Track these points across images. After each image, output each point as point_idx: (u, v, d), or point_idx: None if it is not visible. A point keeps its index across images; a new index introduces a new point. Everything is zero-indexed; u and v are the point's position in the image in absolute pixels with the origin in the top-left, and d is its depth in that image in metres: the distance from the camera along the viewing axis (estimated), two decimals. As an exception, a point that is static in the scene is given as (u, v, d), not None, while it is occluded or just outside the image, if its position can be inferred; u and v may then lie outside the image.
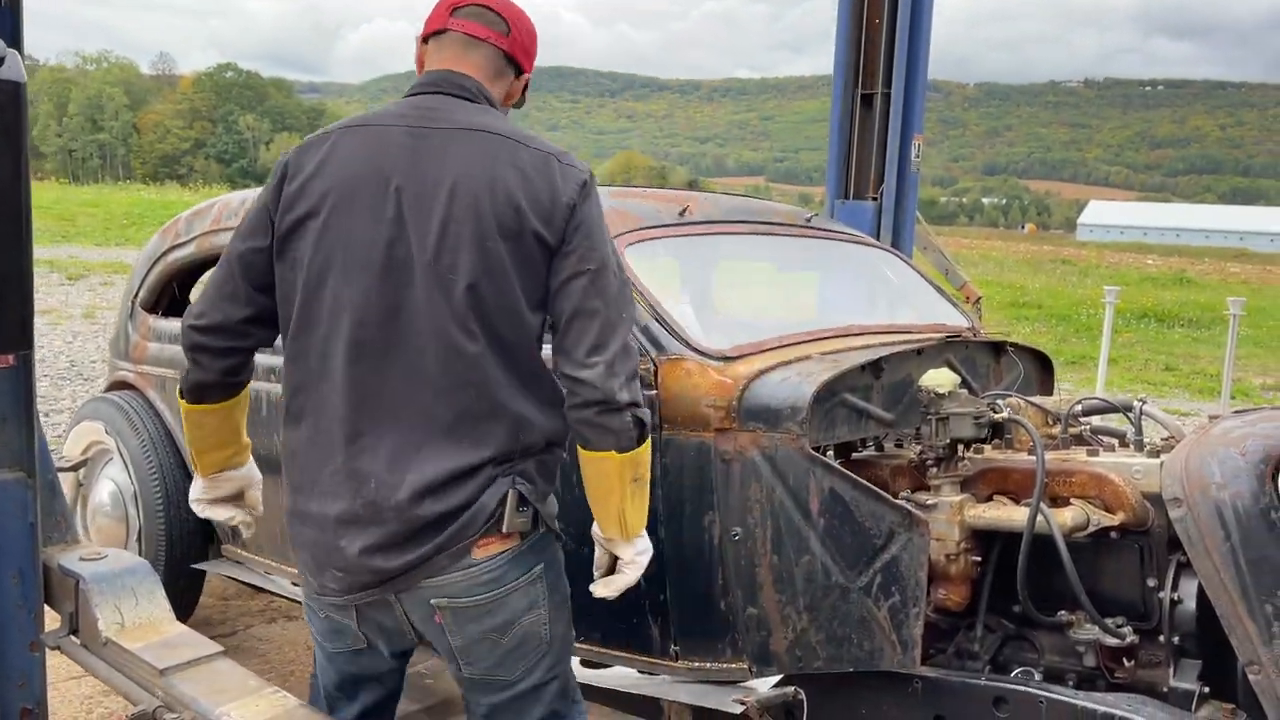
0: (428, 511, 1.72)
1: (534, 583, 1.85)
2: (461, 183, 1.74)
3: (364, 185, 1.77)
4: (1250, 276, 30.08)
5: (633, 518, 1.86)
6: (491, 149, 1.77)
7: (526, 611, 1.85)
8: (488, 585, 1.79)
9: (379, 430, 1.75)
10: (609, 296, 1.76)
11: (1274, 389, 11.17)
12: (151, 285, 3.73)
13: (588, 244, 1.77)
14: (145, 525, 3.49)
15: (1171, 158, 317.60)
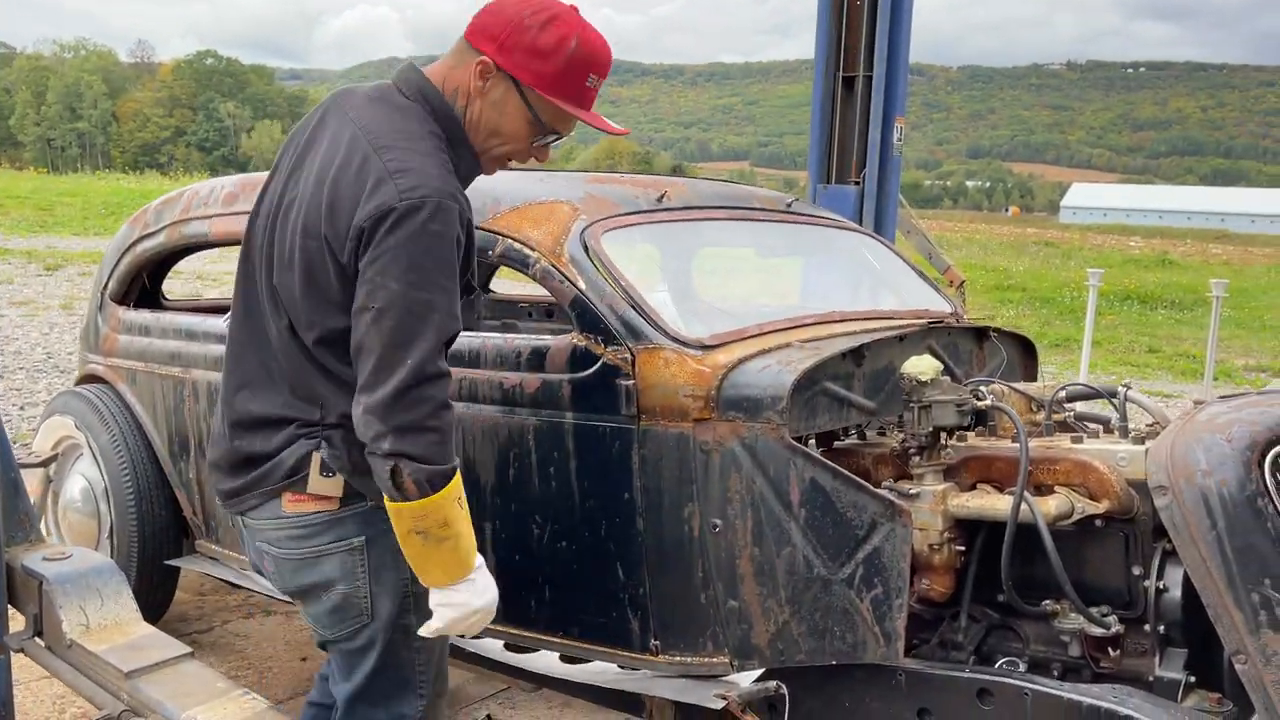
0: (240, 446, 1.91)
1: (351, 553, 1.89)
2: (315, 174, 1.81)
3: (284, 157, 1.95)
4: (1232, 257, 30.23)
5: (419, 567, 1.79)
6: (349, 146, 1.79)
7: (343, 580, 1.89)
8: (299, 541, 1.89)
9: (245, 370, 1.94)
10: (389, 338, 1.69)
11: (1256, 370, 11.20)
12: (121, 276, 3.65)
13: (379, 279, 1.70)
14: (117, 521, 3.43)
15: (1153, 140, 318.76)
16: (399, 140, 1.77)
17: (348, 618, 1.92)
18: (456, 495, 1.75)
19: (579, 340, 2.37)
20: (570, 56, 1.79)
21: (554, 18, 1.79)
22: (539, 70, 1.79)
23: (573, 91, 1.82)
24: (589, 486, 2.36)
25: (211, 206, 3.28)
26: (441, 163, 1.78)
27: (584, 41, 1.80)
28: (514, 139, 1.87)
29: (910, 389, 2.29)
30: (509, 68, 1.80)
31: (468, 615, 1.81)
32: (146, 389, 3.42)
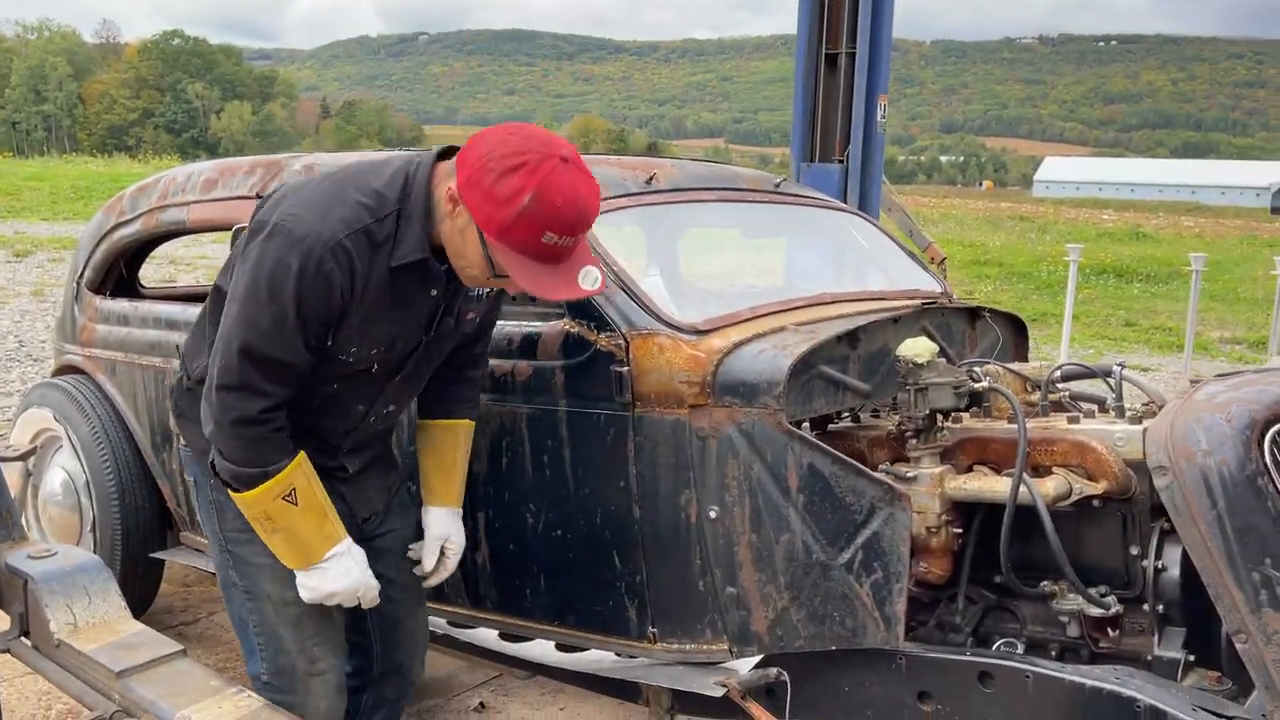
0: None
1: (201, 489, 2.17)
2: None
3: None
4: (1204, 230, 30.48)
5: (274, 550, 2.05)
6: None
7: (202, 510, 2.20)
8: (184, 467, 2.32)
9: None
10: (224, 331, 1.90)
11: (1232, 342, 11.30)
12: (97, 265, 3.58)
13: (240, 271, 1.90)
14: (99, 514, 3.37)
15: (1125, 113, 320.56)
16: (323, 182, 1.91)
17: (214, 549, 2.22)
18: (277, 494, 1.95)
19: (571, 327, 2.33)
20: (522, 211, 1.71)
21: (519, 166, 1.71)
22: (490, 216, 1.74)
23: (526, 246, 1.75)
24: (583, 475, 2.34)
25: (189, 193, 3.21)
26: (344, 218, 1.83)
27: (541, 199, 1.70)
28: (476, 267, 1.86)
29: (906, 371, 2.27)
30: (467, 203, 1.77)
31: (324, 597, 2.05)
32: (127, 379, 3.36)
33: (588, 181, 1.78)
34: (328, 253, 1.81)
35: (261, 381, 1.89)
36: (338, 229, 1.82)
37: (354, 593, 2.07)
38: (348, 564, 2.05)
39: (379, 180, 1.89)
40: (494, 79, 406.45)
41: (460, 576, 2.56)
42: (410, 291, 1.94)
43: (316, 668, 2.18)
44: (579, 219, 1.75)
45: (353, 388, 2.06)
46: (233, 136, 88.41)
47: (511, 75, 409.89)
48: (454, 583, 2.58)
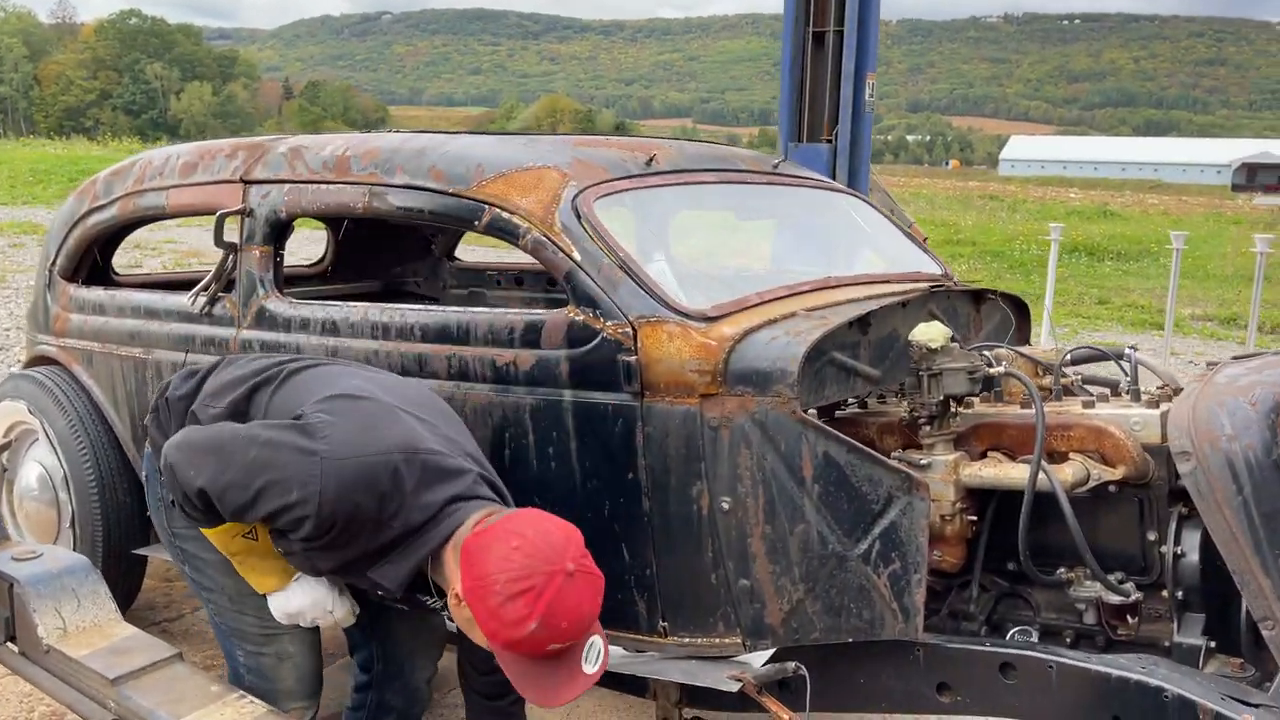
0: None
1: (151, 485, 2.25)
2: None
3: None
4: (1169, 207, 30.79)
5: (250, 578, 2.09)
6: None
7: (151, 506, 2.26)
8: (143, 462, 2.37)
9: None
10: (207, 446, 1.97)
11: (1204, 319, 11.41)
12: (70, 252, 3.45)
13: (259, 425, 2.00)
14: (78, 510, 3.26)
15: (1088, 91, 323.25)
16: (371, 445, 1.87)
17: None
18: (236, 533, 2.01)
19: (575, 314, 2.26)
20: (529, 635, 1.72)
21: (525, 591, 1.71)
22: (495, 632, 1.75)
23: (530, 654, 1.76)
24: (590, 466, 2.27)
25: (168, 177, 3.10)
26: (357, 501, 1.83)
27: (547, 623, 1.71)
28: (482, 646, 1.86)
29: (920, 356, 2.22)
30: (473, 613, 1.77)
31: (291, 616, 2.08)
32: (104, 370, 3.25)
33: (593, 586, 1.78)
34: (318, 517, 1.83)
35: (197, 511, 1.97)
36: (343, 509, 1.83)
37: (322, 607, 2.09)
38: (312, 581, 2.09)
39: (418, 499, 1.87)
40: (459, 58, 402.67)
41: (461, 571, 2.49)
42: (365, 580, 1.97)
43: (284, 652, 2.18)
44: (583, 628, 1.78)
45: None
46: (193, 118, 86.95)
47: (477, 55, 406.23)
48: (455, 578, 2.52)
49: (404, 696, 2.41)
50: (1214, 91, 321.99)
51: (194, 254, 12.80)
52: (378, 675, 2.41)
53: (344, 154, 2.66)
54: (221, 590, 2.14)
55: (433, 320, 2.45)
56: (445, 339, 2.42)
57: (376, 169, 2.57)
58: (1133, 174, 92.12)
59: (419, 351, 2.44)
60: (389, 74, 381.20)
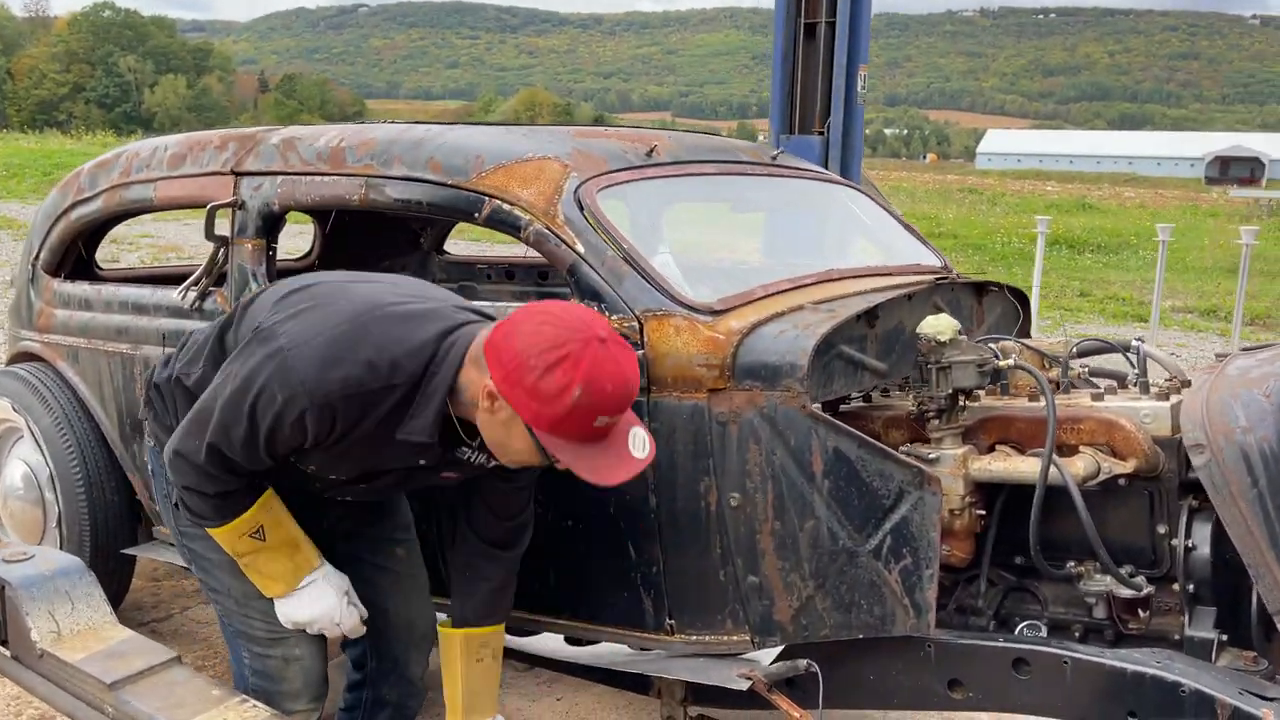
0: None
1: (158, 483, 2.18)
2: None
3: None
4: (1146, 200, 30.98)
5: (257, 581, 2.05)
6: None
7: (160, 504, 2.18)
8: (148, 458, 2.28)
9: None
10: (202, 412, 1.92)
11: (1183, 311, 11.48)
12: (54, 246, 3.38)
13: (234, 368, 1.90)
14: (65, 509, 3.20)
15: (1063, 85, 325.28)
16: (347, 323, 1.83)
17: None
18: (243, 532, 1.98)
19: (580, 307, 2.22)
20: (574, 405, 1.67)
21: (562, 359, 1.67)
22: (538, 413, 1.69)
23: (577, 433, 1.71)
24: (596, 462, 2.23)
25: (155, 169, 3.03)
26: (343, 379, 1.78)
27: (590, 389, 1.67)
28: (526, 455, 1.81)
29: (929, 349, 2.20)
30: (511, 402, 1.72)
31: (301, 624, 2.06)
32: (90, 367, 3.18)
33: (627, 354, 1.75)
34: (312, 407, 1.79)
35: (220, 472, 1.92)
36: (332, 389, 1.78)
37: (330, 619, 2.07)
38: (321, 589, 2.06)
39: (403, 346, 1.81)
40: (436, 52, 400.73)
41: (462, 570, 2.45)
42: (394, 453, 1.90)
43: (293, 654, 2.13)
44: (627, 396, 1.73)
45: (320, 485, 2.07)
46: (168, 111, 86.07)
47: (454, 48, 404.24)
48: (455, 576, 2.48)
49: (400, 690, 2.37)
50: (1187, 85, 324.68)
51: (172, 248, 12.66)
52: (372, 672, 2.38)
53: (339, 145, 2.61)
54: (228, 592, 2.10)
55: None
56: (445, 333, 2.38)
57: (373, 160, 2.52)
58: (1108, 167, 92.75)
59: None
60: (366, 67, 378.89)
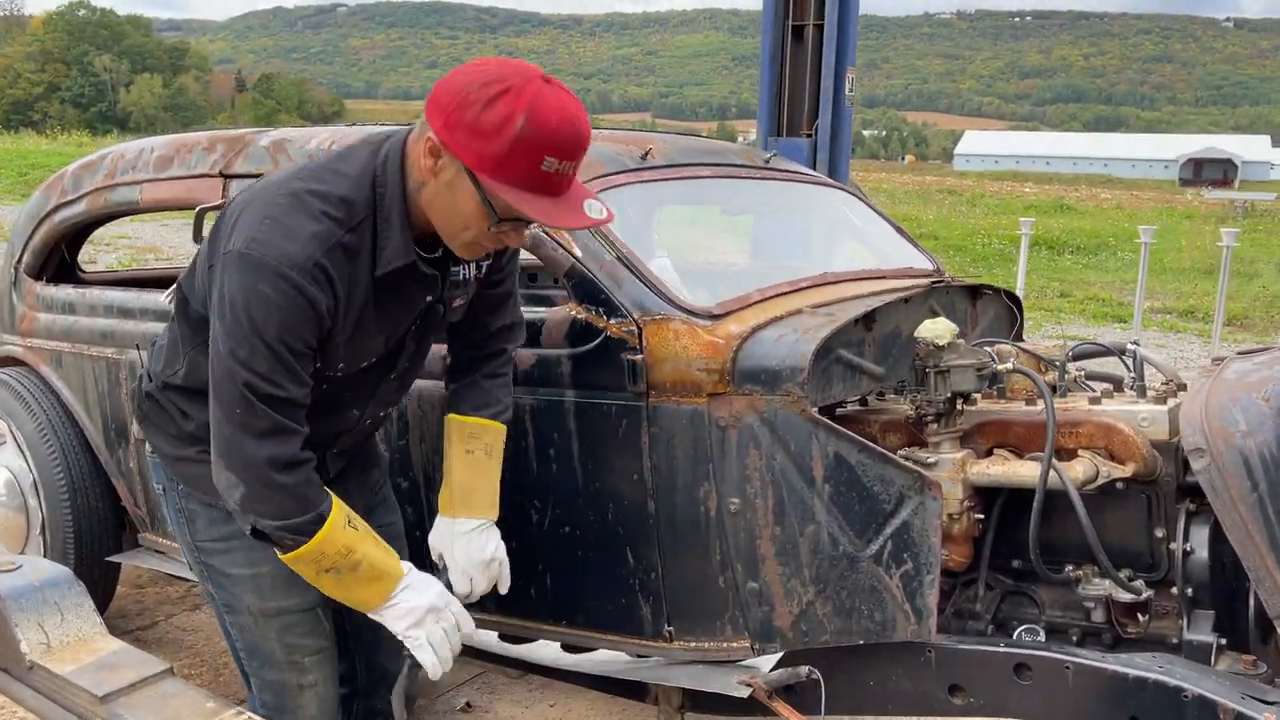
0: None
1: (165, 495, 2.04)
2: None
3: None
4: (1122, 202, 31.24)
5: (352, 602, 1.88)
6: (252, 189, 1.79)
7: (172, 519, 2.05)
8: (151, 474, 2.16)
9: None
10: (214, 396, 1.73)
11: (1162, 312, 11.57)
12: (37, 249, 3.33)
13: (217, 325, 1.71)
14: (49, 515, 3.15)
15: (1039, 87, 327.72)
16: (284, 196, 1.71)
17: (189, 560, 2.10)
18: (341, 525, 1.77)
19: (577, 312, 2.21)
20: (516, 138, 1.54)
21: (504, 92, 1.55)
22: (481, 151, 1.56)
23: (523, 177, 1.58)
24: (594, 468, 2.22)
25: (141, 171, 2.99)
26: (315, 234, 1.67)
27: (534, 120, 1.54)
28: (471, 224, 1.67)
29: (927, 353, 2.19)
30: (453, 148, 1.60)
31: (422, 617, 1.85)
32: (75, 372, 3.14)
33: (575, 101, 1.61)
34: (306, 278, 1.65)
35: (286, 421, 1.72)
36: (311, 248, 1.66)
37: (440, 601, 1.88)
38: (418, 575, 1.89)
39: (343, 184, 1.71)
40: (415, 52, 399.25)
41: (457, 576, 2.43)
42: (398, 297, 1.81)
43: (307, 679, 2.05)
44: (576, 139, 1.59)
45: (345, 392, 1.92)
46: (144, 110, 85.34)
47: (434, 48, 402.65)
48: (450, 583, 2.45)
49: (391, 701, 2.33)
50: (1161, 88, 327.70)
51: (150, 249, 12.55)
52: (362, 685, 2.33)
53: (331, 147, 2.57)
54: (246, 610, 1.98)
55: (427, 319, 2.37)
56: (440, 339, 2.35)
57: (365, 163, 2.49)
58: (1083, 169, 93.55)
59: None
60: (344, 67, 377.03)
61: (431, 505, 2.38)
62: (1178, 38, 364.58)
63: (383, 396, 2.01)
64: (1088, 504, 2.13)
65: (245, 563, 1.96)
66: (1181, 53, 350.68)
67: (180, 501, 1.99)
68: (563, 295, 3.95)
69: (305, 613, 2.01)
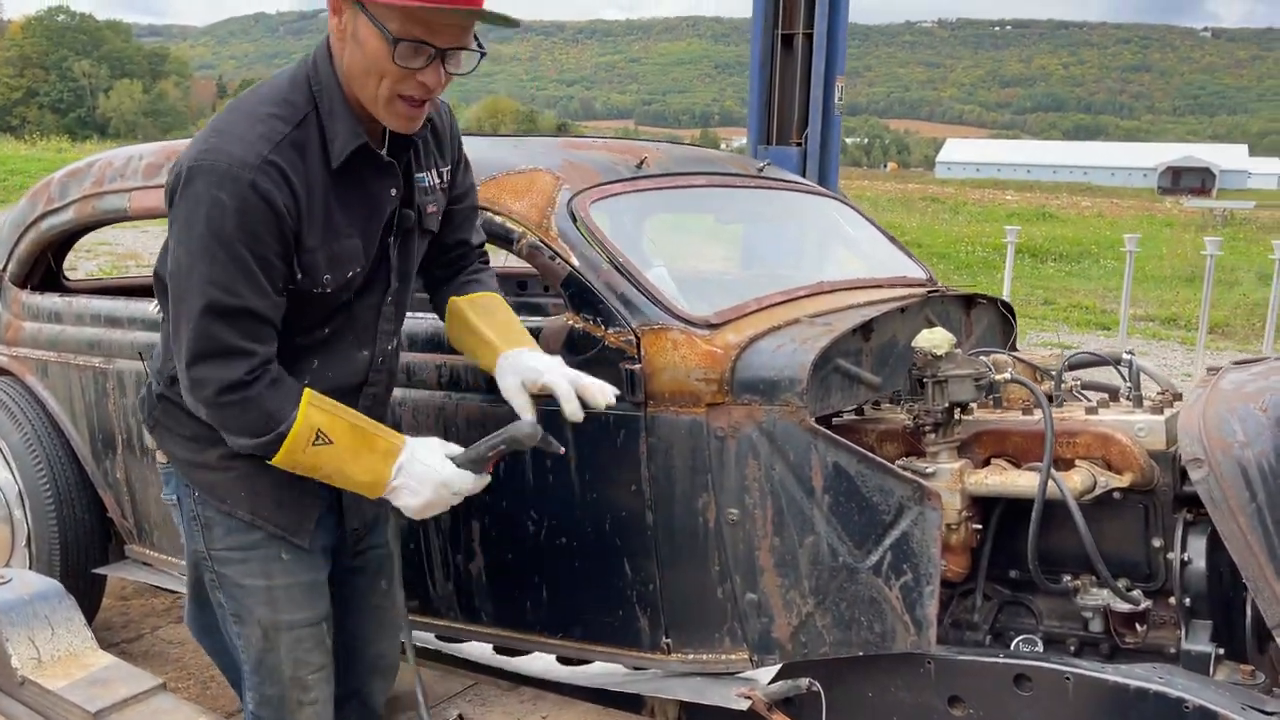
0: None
1: (184, 506, 1.97)
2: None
3: None
4: (1103, 210, 31.47)
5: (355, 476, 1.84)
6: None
7: (186, 528, 1.99)
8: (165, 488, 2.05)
9: None
10: (173, 309, 1.76)
11: (1145, 319, 11.64)
12: (22, 257, 3.30)
13: (177, 249, 1.73)
14: (35, 527, 3.11)
15: (1020, 96, 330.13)
16: (227, 112, 1.79)
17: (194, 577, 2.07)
18: (305, 443, 1.76)
19: (574, 321, 2.20)
20: None
21: None
22: None
23: None
24: (591, 478, 2.21)
25: (130, 179, 2.97)
26: (262, 134, 1.71)
27: None
28: (383, 67, 1.71)
29: (925, 363, 2.19)
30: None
31: (418, 513, 1.86)
32: (61, 381, 3.10)
33: None
34: (259, 174, 1.67)
35: (238, 340, 1.71)
36: (260, 147, 1.69)
37: (447, 491, 1.86)
38: (421, 468, 1.84)
39: (280, 89, 1.79)
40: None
41: (453, 588, 2.41)
42: (362, 191, 1.82)
43: (308, 696, 2.02)
44: None
45: (346, 330, 1.91)
46: (123, 116, 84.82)
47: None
48: (445, 595, 2.44)
49: (360, 716, 2.29)
50: (1139, 97, 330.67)
51: (131, 255, 12.46)
52: (337, 696, 2.28)
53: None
54: (256, 622, 1.94)
55: (421, 327, 2.36)
56: (435, 346, 2.34)
57: (359, 171, 2.47)
58: (1064, 177, 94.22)
59: (407, 360, 2.35)
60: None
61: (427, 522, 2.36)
62: (1156, 47, 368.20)
63: (385, 326, 1.98)
64: (1087, 514, 2.13)
65: (260, 574, 1.93)
66: (1160, 62, 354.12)
67: (196, 509, 1.95)
68: (554, 303, 3.95)
69: (313, 627, 1.98)
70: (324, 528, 1.99)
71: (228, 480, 1.89)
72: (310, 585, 1.96)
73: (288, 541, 1.93)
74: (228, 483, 1.89)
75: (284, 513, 1.91)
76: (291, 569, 1.93)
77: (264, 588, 1.92)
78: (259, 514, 1.90)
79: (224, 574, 1.95)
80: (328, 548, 2.02)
